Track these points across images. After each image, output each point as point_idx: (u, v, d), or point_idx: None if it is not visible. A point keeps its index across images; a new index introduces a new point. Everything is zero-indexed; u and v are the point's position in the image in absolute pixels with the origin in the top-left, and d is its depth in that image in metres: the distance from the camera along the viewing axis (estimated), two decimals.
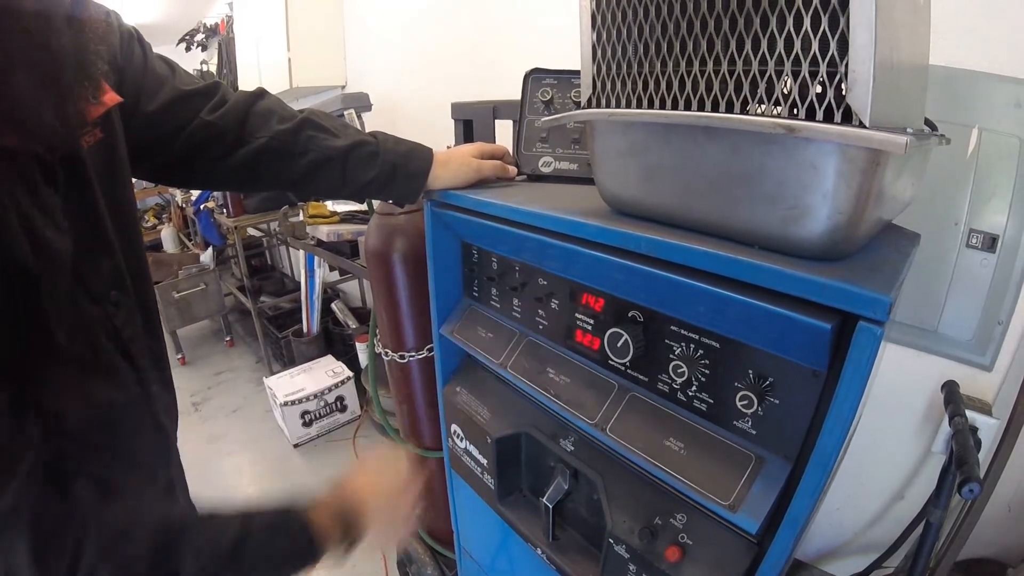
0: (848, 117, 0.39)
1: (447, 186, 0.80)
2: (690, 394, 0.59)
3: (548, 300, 0.75)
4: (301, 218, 2.42)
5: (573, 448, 0.75)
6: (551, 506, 0.76)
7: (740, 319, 0.50)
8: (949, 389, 0.90)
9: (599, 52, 0.56)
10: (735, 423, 0.55)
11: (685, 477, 0.56)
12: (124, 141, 0.61)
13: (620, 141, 0.57)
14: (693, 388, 0.58)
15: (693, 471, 0.56)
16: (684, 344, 0.58)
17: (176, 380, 0.70)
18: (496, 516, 0.92)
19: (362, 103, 2.02)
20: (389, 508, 0.66)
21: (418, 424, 1.28)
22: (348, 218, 2.25)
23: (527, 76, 0.91)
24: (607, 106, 0.57)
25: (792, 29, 0.41)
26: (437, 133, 1.16)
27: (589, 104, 0.59)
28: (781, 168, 0.44)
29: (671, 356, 0.59)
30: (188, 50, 3.77)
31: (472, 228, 0.80)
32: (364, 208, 2.20)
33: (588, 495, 0.77)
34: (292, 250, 3.57)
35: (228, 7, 3.20)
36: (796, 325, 0.44)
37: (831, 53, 0.39)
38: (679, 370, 0.58)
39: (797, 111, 0.42)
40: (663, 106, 0.51)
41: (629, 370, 0.65)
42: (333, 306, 3.02)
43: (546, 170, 0.89)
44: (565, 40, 1.38)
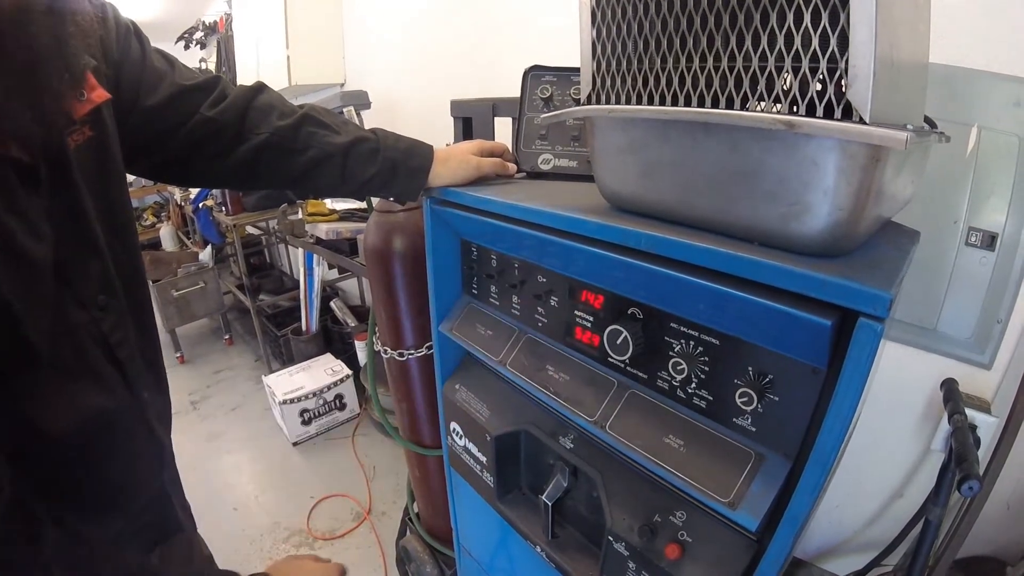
0: (848, 113, 0.39)
1: (447, 183, 0.80)
2: (690, 391, 0.59)
3: (547, 297, 0.74)
4: (300, 216, 2.41)
5: (572, 445, 0.75)
6: (550, 504, 0.76)
7: (740, 316, 0.50)
8: (948, 387, 0.90)
9: (599, 49, 0.56)
10: (735, 420, 0.55)
11: (685, 474, 0.56)
12: (117, 139, 0.59)
13: (620, 138, 0.57)
14: (693, 385, 0.58)
15: (693, 468, 0.56)
16: (684, 341, 0.58)
17: (175, 379, 0.70)
18: (495, 514, 0.92)
19: (361, 101, 2.02)
20: None
21: (417, 422, 1.28)
22: (347, 216, 2.25)
23: (526, 73, 0.91)
24: (607, 103, 0.57)
25: (792, 25, 0.41)
26: (436, 131, 1.16)
27: (589, 101, 0.59)
28: (781, 164, 0.44)
29: (671, 353, 0.59)
30: (187, 48, 3.77)
31: (471, 225, 0.80)
32: (363, 206, 2.20)
33: (587, 493, 0.77)
34: (291, 248, 3.57)
35: (227, 5, 3.19)
36: (796, 322, 0.44)
37: (831, 49, 0.39)
38: (679, 367, 0.58)
39: (797, 107, 0.42)
40: (663, 102, 0.51)
41: (628, 367, 0.65)
42: (332, 304, 3.02)
43: (545, 167, 0.89)
44: (564, 37, 1.38)
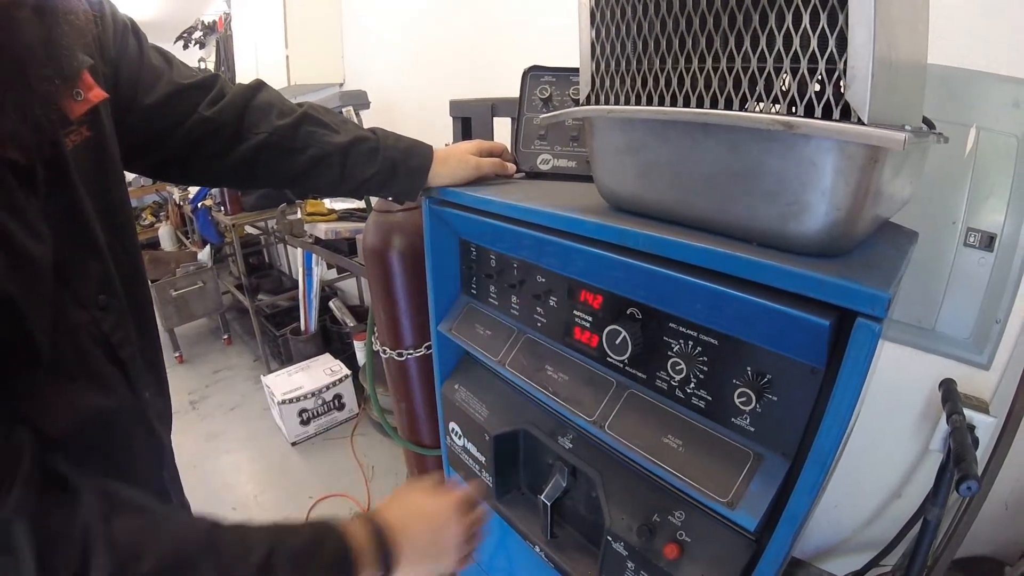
0: (847, 114, 0.39)
1: (446, 183, 0.80)
2: (688, 391, 0.59)
3: (546, 297, 0.75)
4: (299, 216, 2.41)
5: (571, 445, 0.75)
6: (549, 504, 0.76)
7: (738, 316, 0.50)
8: (947, 387, 0.90)
9: (598, 49, 0.56)
10: (733, 420, 0.55)
11: (683, 474, 0.56)
12: (115, 138, 0.59)
13: (619, 138, 0.57)
14: (691, 385, 0.58)
15: (691, 468, 0.56)
16: (682, 341, 0.58)
17: (174, 379, 0.69)
18: (494, 514, 0.92)
19: (360, 101, 2.02)
20: (429, 538, 0.62)
21: (416, 422, 1.28)
22: (346, 216, 2.24)
23: (525, 73, 0.91)
24: (606, 103, 0.57)
25: (791, 26, 0.41)
26: (435, 131, 1.16)
27: (588, 101, 0.59)
28: (780, 165, 0.44)
29: (669, 353, 0.59)
30: (186, 47, 3.76)
31: (470, 225, 0.80)
32: (362, 206, 2.20)
33: (586, 492, 0.77)
34: (290, 248, 3.56)
35: (226, 4, 3.18)
36: (794, 322, 0.44)
37: (830, 50, 0.39)
38: (677, 367, 0.58)
39: (796, 108, 0.42)
40: (662, 103, 0.51)
41: (627, 367, 0.65)
42: (331, 304, 3.01)
43: (544, 167, 0.89)
44: (563, 38, 1.38)
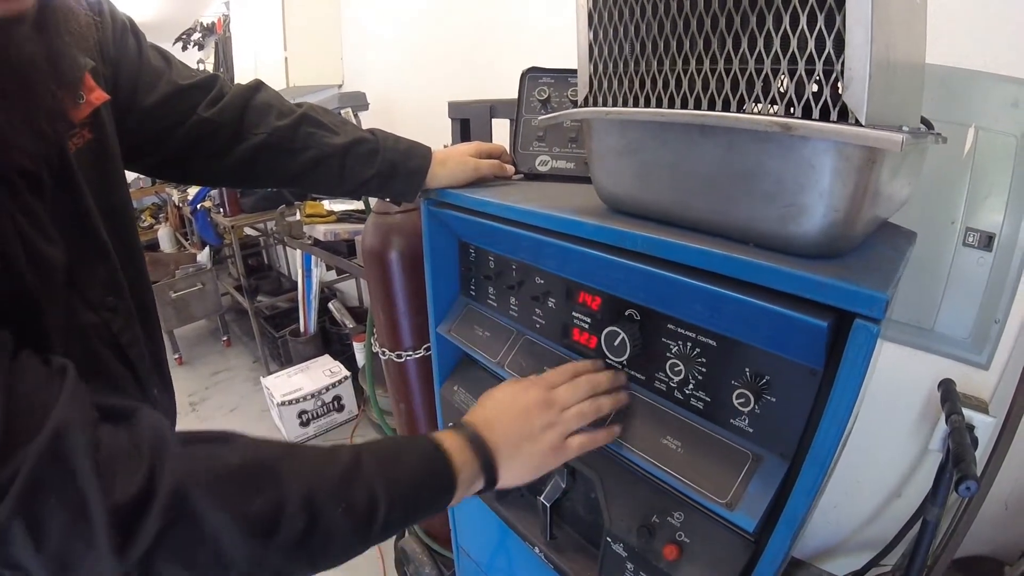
0: (844, 115, 0.39)
1: (445, 185, 0.80)
2: (687, 392, 0.59)
3: (545, 299, 0.75)
4: (298, 217, 2.41)
5: None
6: (549, 505, 0.76)
7: (737, 317, 0.50)
8: (946, 387, 0.90)
9: (595, 51, 0.56)
10: (732, 421, 0.55)
11: (682, 475, 0.57)
12: (116, 139, 0.59)
13: (617, 140, 0.57)
14: (690, 386, 0.58)
15: (690, 469, 0.56)
16: (681, 342, 0.58)
17: (173, 380, 0.70)
18: (494, 515, 0.92)
19: (359, 102, 2.03)
20: (519, 423, 0.58)
21: (416, 423, 1.28)
22: (345, 217, 2.25)
23: (524, 75, 0.91)
24: (604, 105, 0.57)
25: (788, 27, 0.41)
26: (434, 132, 1.16)
27: (586, 103, 0.59)
28: (777, 166, 0.44)
29: (668, 354, 0.59)
30: (185, 49, 3.76)
31: (469, 227, 0.80)
32: (361, 207, 2.20)
33: (586, 494, 0.77)
34: (289, 249, 3.56)
35: (225, 6, 3.18)
36: (793, 323, 0.44)
37: (827, 51, 0.39)
38: (676, 368, 0.58)
39: (793, 109, 0.42)
40: (660, 105, 0.51)
41: (626, 368, 0.65)
42: (330, 305, 3.01)
43: (543, 169, 0.89)
44: (561, 39, 1.38)
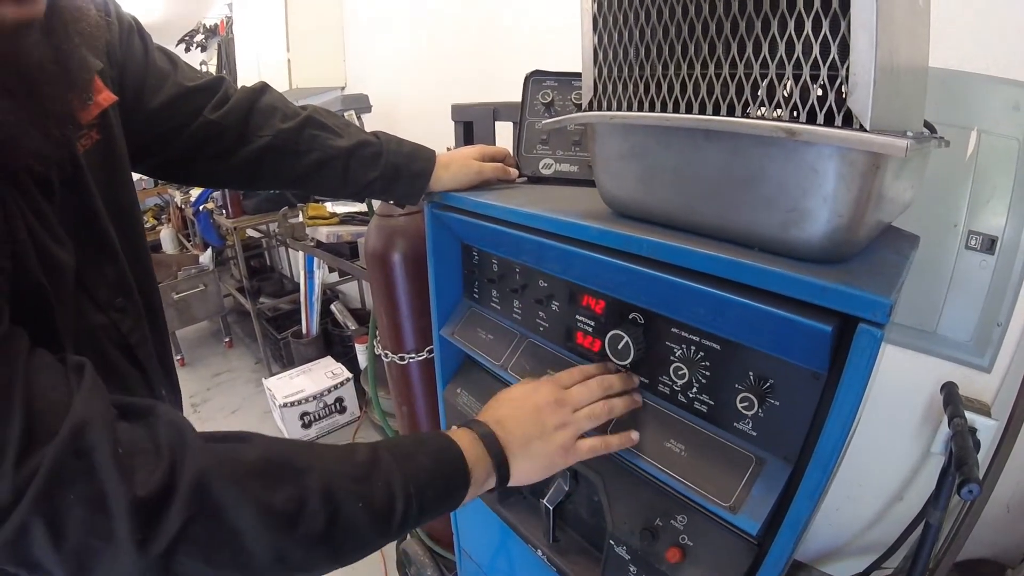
0: (848, 120, 0.40)
1: (448, 188, 0.80)
2: (691, 396, 0.59)
3: (548, 302, 0.75)
4: (300, 219, 2.41)
5: None
6: (552, 507, 0.76)
7: (741, 321, 0.50)
8: (948, 390, 0.90)
9: (600, 55, 0.57)
10: (736, 425, 0.55)
11: (686, 479, 0.57)
12: (123, 140, 0.59)
13: (621, 144, 0.58)
14: (694, 390, 0.58)
15: (694, 472, 0.57)
16: (685, 346, 0.58)
17: None
18: (496, 517, 0.92)
19: (362, 104, 2.03)
20: (530, 420, 0.58)
21: (418, 426, 1.28)
22: (348, 219, 2.25)
23: (527, 78, 0.91)
24: (608, 109, 0.57)
25: (793, 32, 0.41)
26: (437, 135, 1.17)
27: (590, 107, 0.59)
28: (781, 171, 0.45)
29: (672, 358, 0.59)
30: (187, 51, 3.77)
31: (472, 230, 0.80)
32: (364, 209, 2.20)
33: (589, 496, 0.77)
34: (291, 251, 3.57)
35: (228, 7, 3.19)
36: (797, 327, 0.44)
37: (832, 56, 0.39)
38: (680, 372, 0.58)
39: (798, 114, 0.42)
40: (664, 109, 0.51)
41: (630, 372, 0.65)
42: (332, 307, 3.02)
43: (547, 172, 0.89)
44: (566, 43, 1.39)
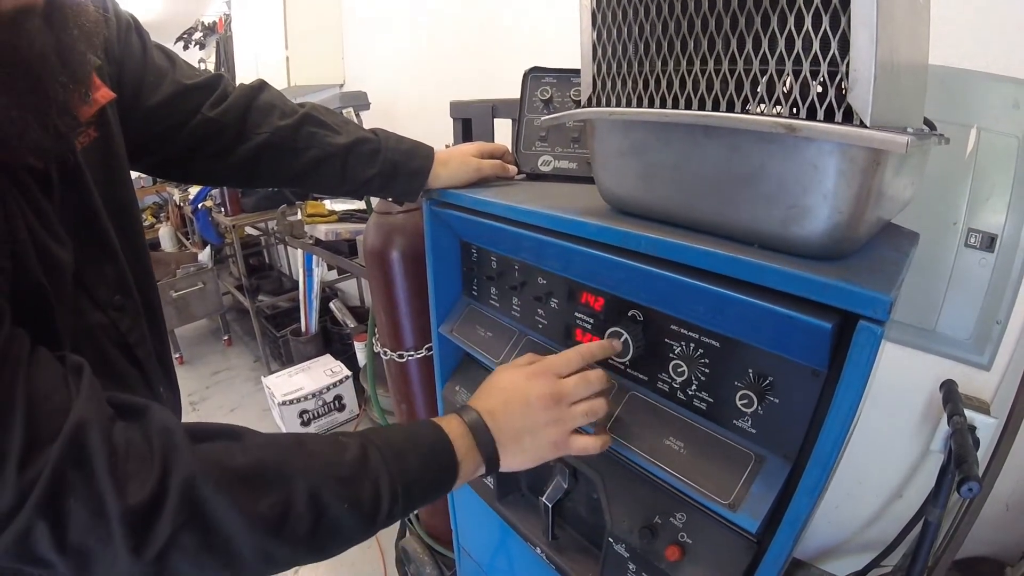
0: (849, 117, 0.39)
1: (447, 185, 0.80)
2: (690, 393, 0.59)
3: (547, 299, 0.75)
4: (299, 217, 2.41)
5: None
6: (551, 505, 0.76)
7: (740, 318, 0.50)
8: (948, 388, 0.90)
9: (599, 51, 0.56)
10: (735, 422, 0.55)
11: (685, 476, 0.56)
12: (122, 137, 0.59)
13: (620, 140, 0.57)
14: (693, 387, 0.58)
15: (693, 470, 0.56)
16: (684, 343, 0.58)
17: None
18: (495, 515, 0.92)
19: (360, 102, 2.03)
20: (522, 411, 0.57)
21: None
22: (346, 217, 2.25)
23: (526, 75, 0.91)
24: (607, 105, 0.57)
25: (793, 28, 0.41)
26: (436, 132, 1.16)
27: (589, 103, 0.59)
28: (781, 168, 0.44)
29: (671, 355, 0.59)
30: (186, 48, 3.77)
31: (471, 227, 0.80)
32: (363, 207, 2.20)
33: (587, 494, 0.77)
34: (290, 249, 3.56)
35: (226, 5, 3.18)
36: (796, 324, 0.44)
37: (832, 53, 0.39)
38: (679, 369, 0.58)
39: (798, 111, 0.42)
40: (663, 105, 0.51)
41: (629, 369, 0.65)
42: (331, 305, 3.01)
43: (545, 169, 0.89)
44: (565, 39, 1.38)
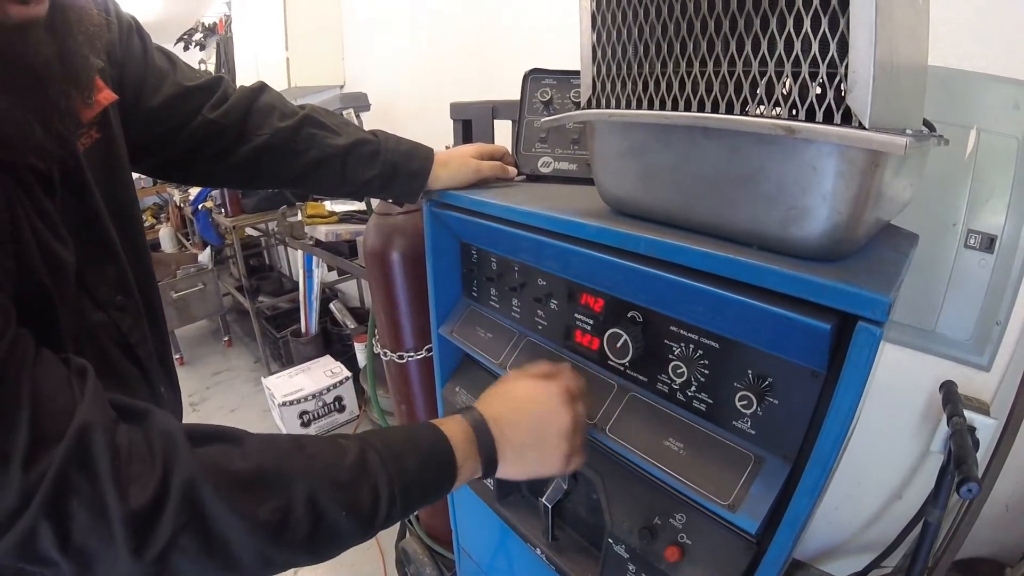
0: (848, 118, 0.39)
1: (447, 186, 0.80)
2: (689, 394, 0.59)
3: (547, 300, 0.75)
4: (299, 218, 2.41)
5: None
6: (551, 506, 0.76)
7: (739, 319, 0.50)
8: (947, 389, 0.90)
9: (599, 53, 0.56)
10: (734, 423, 0.55)
11: (684, 477, 0.57)
12: (123, 139, 0.59)
13: (620, 142, 0.57)
14: (692, 388, 0.58)
15: (692, 471, 0.56)
16: (683, 344, 0.58)
17: None
18: (495, 516, 0.92)
19: (361, 103, 2.03)
20: (531, 427, 0.59)
21: None
22: (346, 218, 2.25)
23: (526, 76, 0.91)
24: (607, 107, 0.57)
25: (792, 30, 0.41)
26: (436, 133, 1.16)
27: (589, 105, 0.59)
28: (780, 169, 0.45)
29: (670, 356, 0.59)
30: (186, 49, 3.77)
31: (471, 228, 0.80)
32: (363, 208, 2.20)
33: (587, 495, 0.77)
34: (290, 250, 3.56)
35: (226, 6, 3.19)
36: (795, 325, 0.44)
37: (831, 54, 0.39)
38: (678, 370, 0.58)
39: (797, 112, 0.42)
40: (663, 107, 0.51)
41: (628, 370, 0.65)
42: (331, 306, 3.01)
43: (545, 170, 0.89)
44: (565, 41, 1.39)
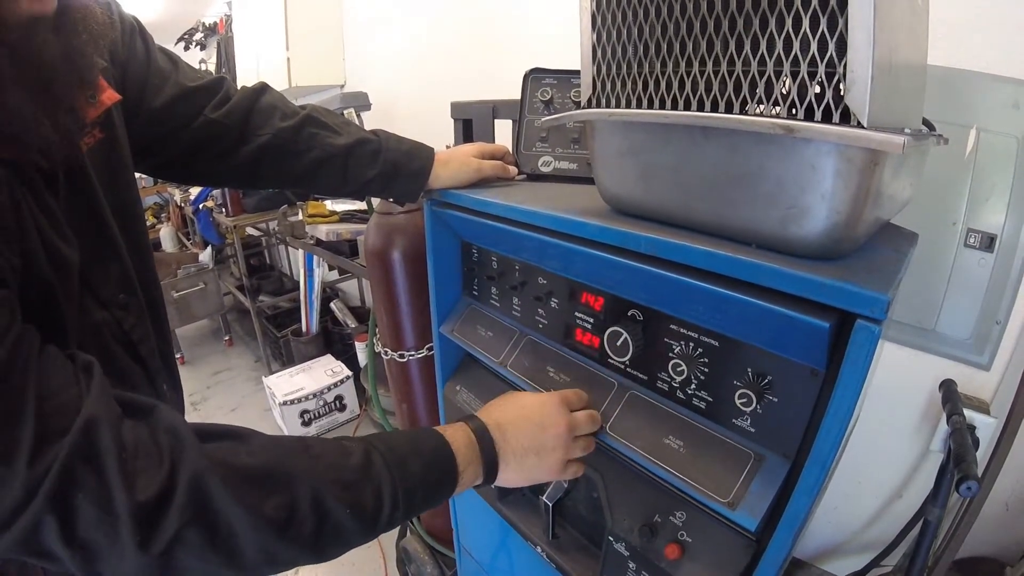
0: (846, 117, 0.40)
1: (447, 185, 0.80)
2: (689, 392, 0.59)
3: (548, 299, 0.75)
4: (300, 217, 2.41)
5: None
6: (551, 504, 0.76)
7: (739, 318, 0.50)
8: (947, 388, 0.90)
9: (599, 52, 0.57)
10: (734, 421, 0.55)
11: (684, 475, 0.57)
12: (126, 139, 0.60)
13: (620, 141, 0.58)
14: (692, 386, 0.59)
15: (692, 469, 0.57)
16: (683, 343, 0.58)
17: None
18: (496, 515, 0.92)
19: (361, 102, 2.03)
20: (531, 435, 0.61)
21: (418, 423, 1.28)
22: (347, 217, 2.25)
23: (527, 76, 0.91)
24: (607, 106, 0.57)
25: (791, 30, 0.41)
26: (436, 133, 1.16)
27: (589, 104, 0.60)
28: (780, 168, 0.45)
29: (670, 355, 0.60)
30: (187, 49, 3.77)
31: (472, 227, 0.80)
32: (363, 207, 2.20)
33: (588, 493, 0.78)
34: (291, 249, 3.57)
35: (227, 6, 3.19)
36: (795, 324, 0.44)
37: (829, 54, 0.39)
38: (678, 368, 0.59)
39: (796, 111, 0.42)
40: (663, 106, 0.51)
41: (629, 369, 0.65)
42: (332, 305, 3.02)
43: (546, 170, 0.89)
44: (565, 40, 1.39)
